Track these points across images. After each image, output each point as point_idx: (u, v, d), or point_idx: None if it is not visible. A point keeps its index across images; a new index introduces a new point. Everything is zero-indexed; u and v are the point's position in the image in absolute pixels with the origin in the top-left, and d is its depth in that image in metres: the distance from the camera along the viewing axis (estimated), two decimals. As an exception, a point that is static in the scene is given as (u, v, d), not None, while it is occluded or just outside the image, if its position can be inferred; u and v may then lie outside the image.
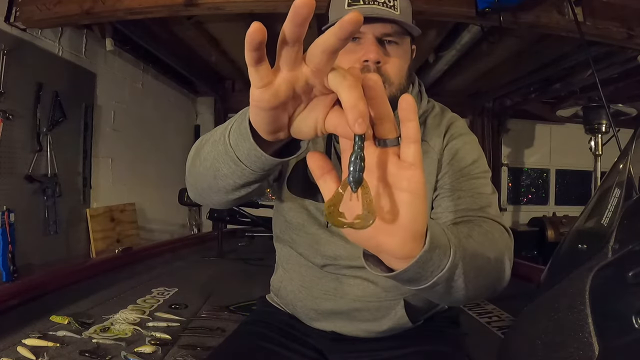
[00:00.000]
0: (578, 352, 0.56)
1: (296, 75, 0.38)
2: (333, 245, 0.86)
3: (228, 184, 0.60)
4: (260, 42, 0.35)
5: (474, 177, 0.81)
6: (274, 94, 0.39)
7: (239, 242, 3.84)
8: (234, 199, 0.65)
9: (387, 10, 0.76)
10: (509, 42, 3.11)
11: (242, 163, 0.54)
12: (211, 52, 3.74)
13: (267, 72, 0.38)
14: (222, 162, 0.57)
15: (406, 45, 0.81)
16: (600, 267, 0.59)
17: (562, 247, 0.83)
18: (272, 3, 2.29)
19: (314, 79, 0.38)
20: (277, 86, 0.39)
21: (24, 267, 2.35)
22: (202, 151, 0.63)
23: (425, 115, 0.90)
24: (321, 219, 0.87)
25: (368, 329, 0.88)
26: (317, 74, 0.38)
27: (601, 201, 0.73)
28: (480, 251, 0.58)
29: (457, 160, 0.82)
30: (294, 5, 0.33)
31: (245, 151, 0.52)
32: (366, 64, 0.76)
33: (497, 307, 2.03)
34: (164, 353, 1.40)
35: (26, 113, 2.47)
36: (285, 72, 0.38)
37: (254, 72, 0.38)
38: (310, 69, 0.38)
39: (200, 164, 0.63)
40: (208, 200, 0.70)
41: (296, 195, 0.89)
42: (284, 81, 0.39)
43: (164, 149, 4.21)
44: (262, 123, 0.44)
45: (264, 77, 0.38)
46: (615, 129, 1.97)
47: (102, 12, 2.38)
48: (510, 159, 5.37)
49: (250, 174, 0.56)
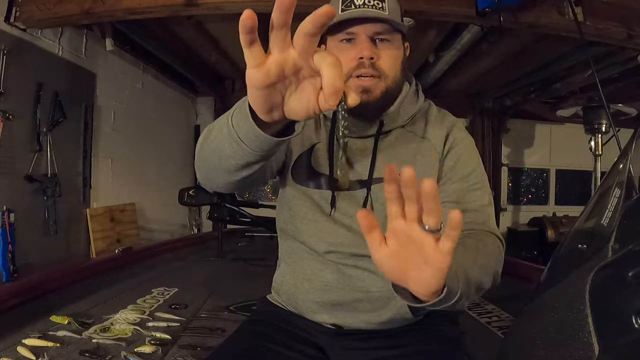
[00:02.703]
0: (578, 352, 0.56)
1: (285, 57, 0.44)
2: (336, 232, 0.89)
3: (231, 165, 0.66)
4: (252, 26, 0.41)
5: (476, 187, 0.88)
6: (265, 74, 0.45)
7: (239, 242, 3.84)
8: (237, 179, 0.71)
9: (377, 11, 0.83)
10: (509, 42, 3.11)
11: (243, 142, 0.60)
12: (211, 52, 3.74)
13: (259, 53, 0.44)
14: (226, 143, 0.63)
15: (397, 42, 0.87)
16: (600, 267, 0.59)
17: (562, 247, 0.83)
18: (272, 3, 2.28)
19: (301, 61, 0.44)
20: (268, 66, 0.45)
21: (24, 267, 2.35)
22: (210, 134, 0.69)
23: (424, 112, 0.95)
24: (324, 206, 0.91)
25: (369, 320, 0.89)
26: (303, 55, 0.44)
27: (601, 201, 0.74)
28: (481, 277, 0.70)
29: (459, 168, 0.89)
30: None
31: (245, 131, 0.58)
32: (361, 60, 0.82)
33: (497, 307, 2.03)
34: (164, 353, 1.40)
35: (26, 113, 2.47)
36: (276, 54, 0.44)
37: (248, 53, 0.44)
38: (297, 51, 0.44)
39: (208, 147, 0.69)
40: (214, 182, 0.76)
41: (300, 184, 0.93)
42: (274, 62, 0.45)
43: (164, 149, 4.21)
44: (257, 101, 0.50)
45: (257, 58, 0.44)
46: (615, 129, 1.97)
47: (102, 12, 2.38)
48: (510, 159, 5.37)
49: (250, 153, 0.62)
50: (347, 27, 0.83)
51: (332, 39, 0.87)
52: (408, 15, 2.20)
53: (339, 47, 0.85)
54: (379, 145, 0.89)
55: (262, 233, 3.81)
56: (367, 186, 0.88)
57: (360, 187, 0.89)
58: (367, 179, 0.88)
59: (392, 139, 0.91)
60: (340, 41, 0.85)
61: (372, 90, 0.83)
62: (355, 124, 0.88)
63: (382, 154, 0.89)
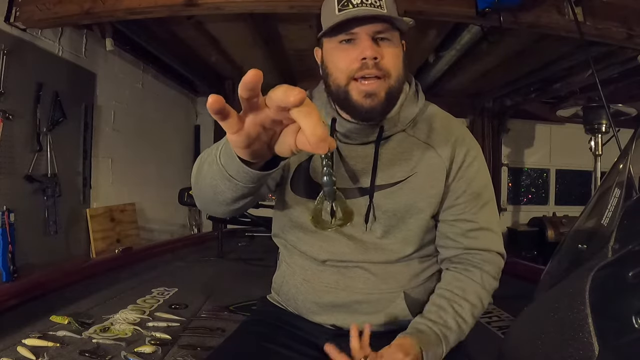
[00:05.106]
0: (578, 352, 0.56)
1: (261, 118, 0.46)
2: (337, 242, 0.89)
3: (226, 198, 0.69)
4: (220, 107, 0.43)
5: (487, 203, 0.91)
6: (246, 136, 0.47)
7: (239, 242, 3.83)
8: (236, 209, 0.75)
9: (375, 10, 0.79)
10: (509, 42, 3.11)
11: (234, 179, 0.62)
12: (211, 52, 3.74)
13: (234, 122, 0.46)
14: (219, 180, 0.66)
15: (397, 40, 0.84)
16: (600, 267, 0.59)
17: (562, 247, 0.83)
18: (272, 3, 2.30)
19: (279, 115, 0.45)
20: (246, 129, 0.47)
21: (24, 267, 2.35)
22: (202, 170, 0.72)
23: (426, 115, 0.92)
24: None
25: (368, 322, 0.88)
26: (279, 111, 0.44)
27: (601, 201, 0.74)
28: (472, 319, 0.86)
29: (473, 186, 0.90)
30: (243, 80, 0.41)
31: (234, 169, 0.60)
32: (364, 61, 0.79)
33: (497, 307, 2.03)
34: (164, 353, 1.40)
35: (26, 113, 2.48)
36: (252, 117, 0.46)
37: (225, 125, 0.46)
38: (271, 110, 0.44)
39: (203, 181, 0.72)
40: (213, 212, 0.80)
41: (299, 195, 0.91)
42: (251, 124, 0.46)
43: (164, 149, 4.21)
44: (243, 154, 0.53)
45: (234, 126, 0.46)
46: (615, 129, 1.97)
47: (102, 12, 2.38)
48: (510, 159, 5.37)
49: (243, 187, 0.64)
50: (346, 27, 0.80)
51: (329, 41, 0.83)
52: (408, 15, 2.19)
53: (338, 49, 0.82)
54: (380, 151, 0.87)
55: (262, 233, 3.80)
56: (369, 194, 0.86)
57: (361, 195, 0.87)
58: (369, 186, 0.86)
59: (394, 144, 0.88)
60: (339, 42, 0.81)
61: (377, 93, 0.80)
62: (356, 131, 0.86)
63: (383, 161, 0.87)
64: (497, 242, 0.91)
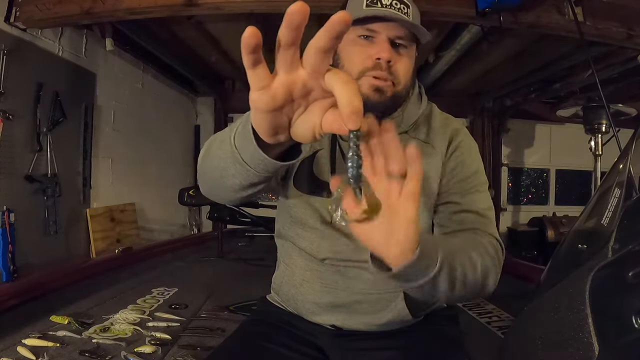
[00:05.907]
0: (578, 352, 0.56)
1: (293, 79, 0.40)
2: (337, 240, 0.88)
3: (234, 184, 0.63)
4: (256, 45, 0.36)
5: (477, 189, 0.87)
6: (271, 97, 0.41)
7: (239, 242, 3.84)
8: (242, 196, 0.69)
9: (402, 15, 0.80)
10: (509, 42, 3.11)
11: (247, 165, 0.56)
12: (211, 52, 3.74)
13: (264, 75, 0.40)
14: (230, 162, 0.59)
15: (412, 51, 0.86)
16: (600, 267, 0.59)
17: (562, 247, 0.83)
18: (272, 3, 2.29)
19: (312, 81, 0.40)
20: (274, 89, 0.41)
21: (24, 267, 2.34)
22: (211, 150, 0.66)
23: (426, 115, 0.93)
24: (326, 215, 0.89)
25: (368, 322, 0.89)
26: (314, 75, 0.39)
27: (601, 201, 0.74)
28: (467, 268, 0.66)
29: (461, 170, 0.88)
30: (287, 12, 0.35)
31: (249, 153, 0.54)
32: (378, 61, 0.80)
33: (497, 307, 2.03)
34: (164, 353, 1.40)
35: (26, 113, 2.47)
36: (283, 76, 0.40)
37: (252, 74, 0.40)
38: (307, 71, 0.39)
39: (210, 163, 0.66)
40: (218, 197, 0.74)
41: (302, 192, 0.91)
42: (281, 84, 0.40)
43: (164, 149, 4.21)
44: (262, 125, 0.46)
45: (262, 80, 0.40)
46: (615, 129, 1.97)
47: (102, 12, 2.38)
48: (510, 159, 5.37)
49: (255, 175, 0.58)
50: (368, 23, 0.80)
51: (349, 32, 0.81)
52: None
53: (355, 42, 0.82)
54: None
55: (262, 233, 3.80)
56: None
57: None
58: None
59: None
60: (358, 36, 0.82)
61: (385, 92, 0.81)
62: None
63: None
64: (486, 224, 0.83)
